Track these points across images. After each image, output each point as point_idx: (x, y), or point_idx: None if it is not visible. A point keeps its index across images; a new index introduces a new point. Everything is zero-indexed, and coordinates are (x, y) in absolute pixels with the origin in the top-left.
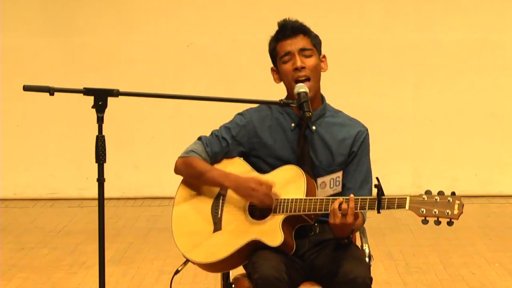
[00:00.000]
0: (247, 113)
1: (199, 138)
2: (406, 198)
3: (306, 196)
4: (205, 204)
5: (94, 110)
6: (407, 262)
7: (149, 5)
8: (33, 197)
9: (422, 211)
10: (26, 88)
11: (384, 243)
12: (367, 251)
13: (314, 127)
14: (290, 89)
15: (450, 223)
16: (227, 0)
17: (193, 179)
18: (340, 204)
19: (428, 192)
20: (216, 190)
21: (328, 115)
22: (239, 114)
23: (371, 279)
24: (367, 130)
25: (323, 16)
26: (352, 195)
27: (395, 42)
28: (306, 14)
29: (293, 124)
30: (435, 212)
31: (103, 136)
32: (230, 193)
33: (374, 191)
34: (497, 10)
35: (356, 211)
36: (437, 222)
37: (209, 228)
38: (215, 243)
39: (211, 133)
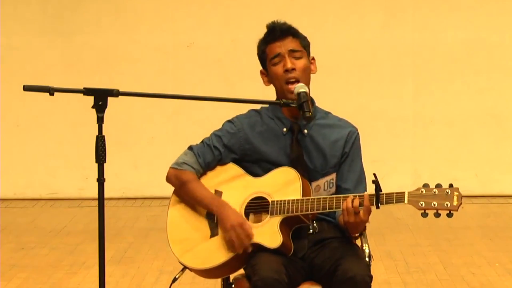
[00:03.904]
0: (237, 120)
1: (190, 148)
2: (404, 193)
3: (302, 197)
4: (200, 210)
5: (94, 110)
6: (407, 262)
7: (149, 5)
8: (33, 197)
9: (421, 204)
10: (26, 88)
11: (384, 243)
12: (367, 251)
13: (306, 131)
14: (280, 92)
15: (450, 215)
16: (227, 0)
17: (182, 194)
18: (352, 202)
19: (426, 185)
20: None
21: (319, 117)
22: (228, 121)
23: (371, 277)
24: (357, 130)
25: (322, 16)
26: (366, 193)
27: (395, 42)
28: (306, 14)
29: (285, 129)
30: (434, 205)
31: (103, 136)
32: (224, 198)
33: (372, 187)
34: (497, 10)
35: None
36: (437, 215)
37: (205, 234)
38: (213, 248)
39: (202, 142)
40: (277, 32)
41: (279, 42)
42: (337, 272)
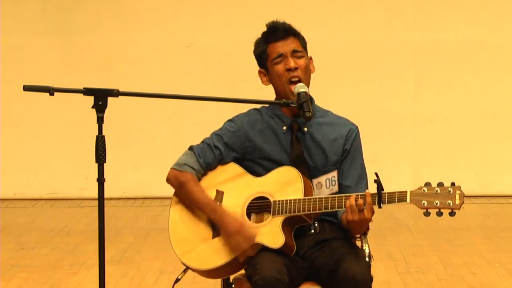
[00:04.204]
0: (237, 118)
1: (191, 148)
2: (406, 192)
3: (304, 196)
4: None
5: (94, 110)
6: (407, 262)
7: (149, 5)
8: (33, 197)
9: (424, 203)
10: (26, 88)
11: (384, 243)
12: (367, 251)
13: (305, 129)
14: (282, 91)
15: (452, 214)
16: (227, 0)
17: (181, 196)
18: (356, 200)
19: (428, 184)
20: (212, 196)
21: (318, 116)
22: (229, 120)
23: (371, 277)
24: (357, 127)
25: (323, 16)
26: (368, 191)
27: (395, 42)
28: (306, 14)
29: (284, 127)
30: (436, 204)
31: (103, 136)
32: (226, 198)
33: (373, 186)
34: (497, 10)
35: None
36: (439, 213)
37: (208, 235)
38: (215, 249)
39: (203, 142)
40: (280, 32)
41: (281, 42)
42: (337, 272)
